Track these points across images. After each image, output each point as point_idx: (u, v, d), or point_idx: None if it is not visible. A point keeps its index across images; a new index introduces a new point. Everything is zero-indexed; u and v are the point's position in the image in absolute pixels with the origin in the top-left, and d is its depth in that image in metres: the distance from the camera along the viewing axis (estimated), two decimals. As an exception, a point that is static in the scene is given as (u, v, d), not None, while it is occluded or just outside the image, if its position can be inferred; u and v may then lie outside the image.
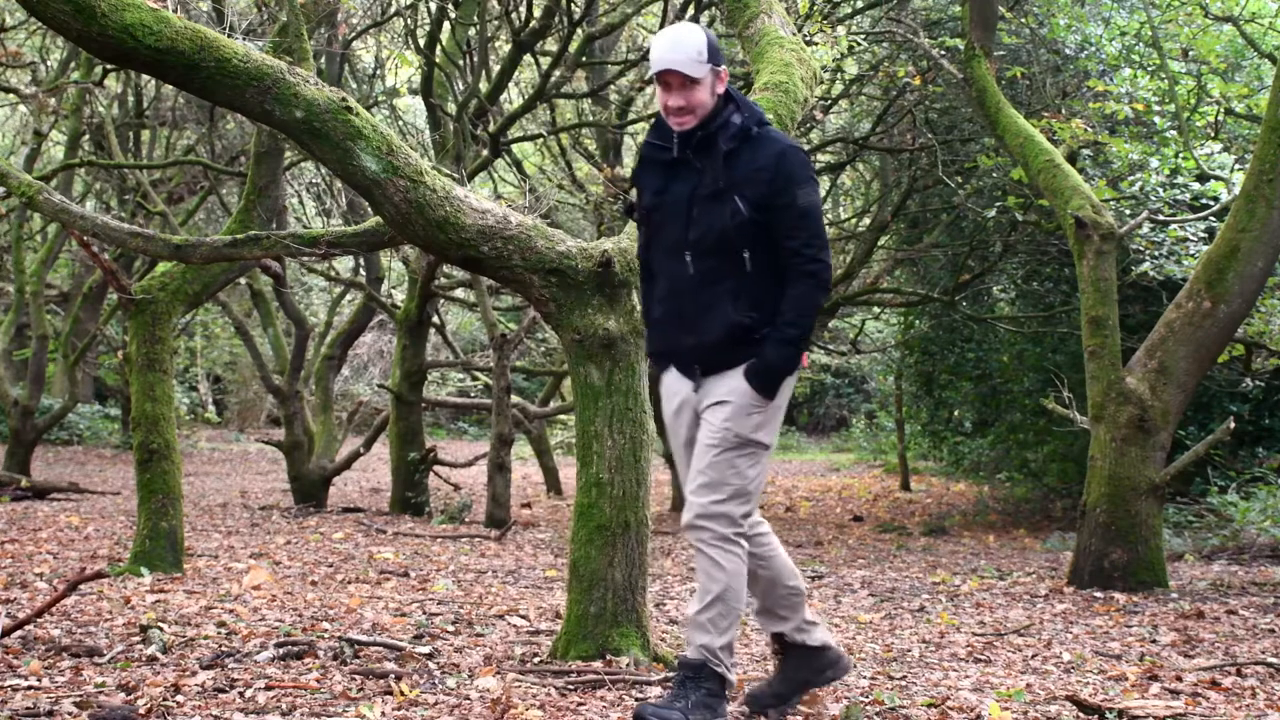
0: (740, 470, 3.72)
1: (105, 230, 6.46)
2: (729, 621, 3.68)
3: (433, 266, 11.08)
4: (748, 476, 3.73)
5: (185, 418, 22.60)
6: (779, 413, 3.81)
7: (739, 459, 3.73)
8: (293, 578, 6.94)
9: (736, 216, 3.71)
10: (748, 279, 3.74)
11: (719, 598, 3.67)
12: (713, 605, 3.68)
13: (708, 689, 3.64)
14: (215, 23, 10.12)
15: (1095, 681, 4.71)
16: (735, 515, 3.71)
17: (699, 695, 3.62)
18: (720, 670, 3.67)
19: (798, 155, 3.75)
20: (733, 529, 3.70)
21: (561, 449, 19.54)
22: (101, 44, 4.03)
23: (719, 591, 3.67)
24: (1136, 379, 7.57)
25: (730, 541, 3.70)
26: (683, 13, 11.22)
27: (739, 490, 3.72)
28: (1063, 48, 10.81)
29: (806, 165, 3.77)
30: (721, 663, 3.67)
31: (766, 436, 3.77)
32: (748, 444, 3.74)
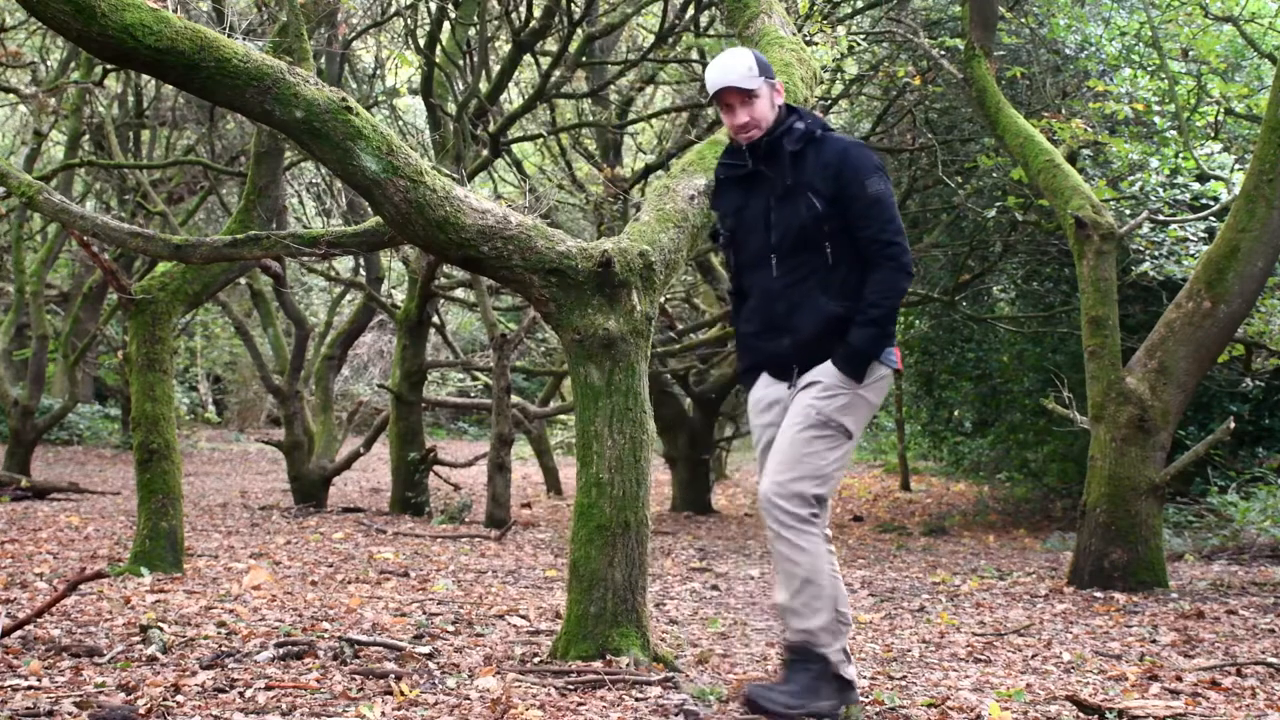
0: (818, 450, 3.77)
1: (105, 230, 6.46)
2: (821, 602, 3.69)
3: (433, 266, 11.08)
4: (826, 458, 3.77)
5: (185, 418, 22.61)
6: (867, 405, 3.85)
7: (818, 439, 3.77)
8: (293, 578, 6.94)
9: (811, 210, 3.87)
10: (834, 271, 3.87)
11: (806, 580, 3.69)
12: (801, 590, 3.70)
13: (814, 671, 3.69)
14: (215, 23, 10.12)
15: (1095, 681, 4.71)
16: (808, 495, 3.73)
17: (806, 679, 3.68)
18: (823, 651, 3.69)
19: (861, 150, 3.91)
20: (807, 509, 3.73)
21: (561, 449, 19.54)
22: (101, 44, 4.03)
23: (804, 575, 3.69)
24: (1136, 379, 7.57)
25: (805, 522, 3.72)
26: (683, 13, 11.23)
27: (815, 470, 3.75)
28: (1063, 48, 10.81)
29: (871, 158, 3.89)
30: (822, 644, 3.69)
31: (851, 423, 3.81)
32: (829, 424, 3.79)
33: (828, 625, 3.71)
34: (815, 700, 3.68)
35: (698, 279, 15.28)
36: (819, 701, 3.69)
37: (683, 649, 5.05)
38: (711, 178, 4.93)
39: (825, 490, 3.78)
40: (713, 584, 7.52)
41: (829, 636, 3.71)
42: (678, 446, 14.29)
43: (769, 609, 3.98)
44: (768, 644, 5.35)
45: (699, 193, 4.86)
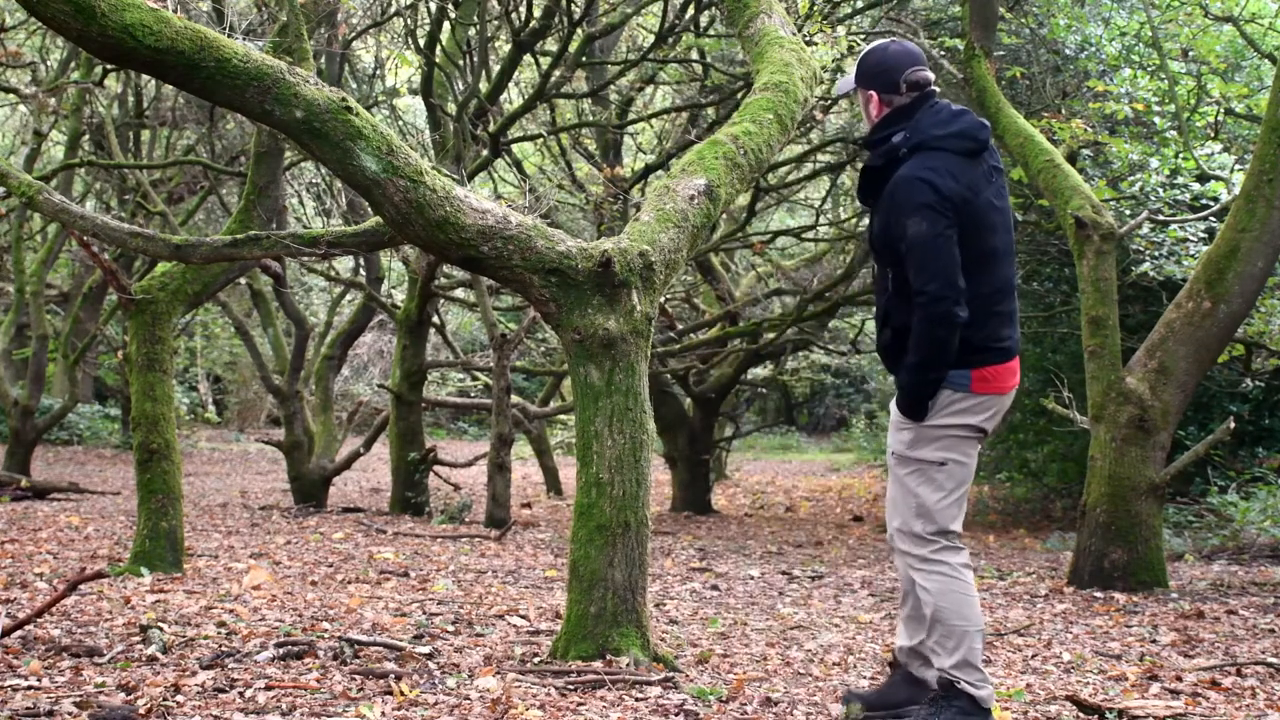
0: (910, 489, 3.77)
1: (105, 230, 6.46)
2: (955, 640, 3.68)
3: (433, 266, 11.07)
4: (920, 495, 3.75)
5: (185, 418, 22.60)
6: (944, 434, 3.75)
7: (907, 477, 3.78)
8: (293, 578, 6.93)
9: (873, 231, 3.84)
10: (891, 298, 3.82)
11: (935, 620, 3.71)
12: (933, 629, 3.72)
13: (958, 707, 3.67)
14: (215, 23, 10.12)
15: (1095, 681, 4.71)
16: (922, 533, 3.75)
17: (950, 714, 3.66)
18: (965, 688, 3.66)
19: (911, 184, 3.70)
20: (926, 548, 3.74)
21: (561, 449, 19.54)
22: (101, 44, 4.03)
23: (931, 613, 3.71)
24: (1136, 379, 7.57)
25: (927, 561, 3.74)
26: (683, 13, 11.23)
27: (917, 508, 3.75)
28: (1063, 48, 10.80)
29: (918, 194, 3.68)
30: (963, 680, 3.67)
31: (928, 453, 3.75)
32: (909, 461, 3.79)
33: (966, 662, 3.68)
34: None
35: (698, 279, 15.28)
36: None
37: (683, 649, 5.05)
38: (711, 178, 4.94)
39: (937, 524, 3.75)
40: (713, 584, 7.51)
41: (971, 672, 3.68)
42: (678, 446, 14.28)
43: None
44: (768, 644, 5.36)
45: (699, 193, 4.86)
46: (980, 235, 3.72)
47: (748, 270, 16.82)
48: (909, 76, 3.84)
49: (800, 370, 21.39)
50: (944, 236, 3.64)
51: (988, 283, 3.73)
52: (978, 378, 3.73)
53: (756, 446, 26.65)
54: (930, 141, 3.75)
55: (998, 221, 3.78)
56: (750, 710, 3.93)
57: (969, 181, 3.72)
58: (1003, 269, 3.79)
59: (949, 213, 3.66)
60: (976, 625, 3.71)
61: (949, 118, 3.81)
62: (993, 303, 3.74)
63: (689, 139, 11.45)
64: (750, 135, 5.17)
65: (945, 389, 3.72)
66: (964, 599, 3.70)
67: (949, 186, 3.67)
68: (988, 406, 3.77)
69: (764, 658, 4.99)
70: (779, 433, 28.30)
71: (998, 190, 3.81)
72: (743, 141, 5.12)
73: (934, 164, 3.70)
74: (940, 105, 3.87)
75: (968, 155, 3.76)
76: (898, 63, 3.87)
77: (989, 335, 3.74)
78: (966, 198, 3.70)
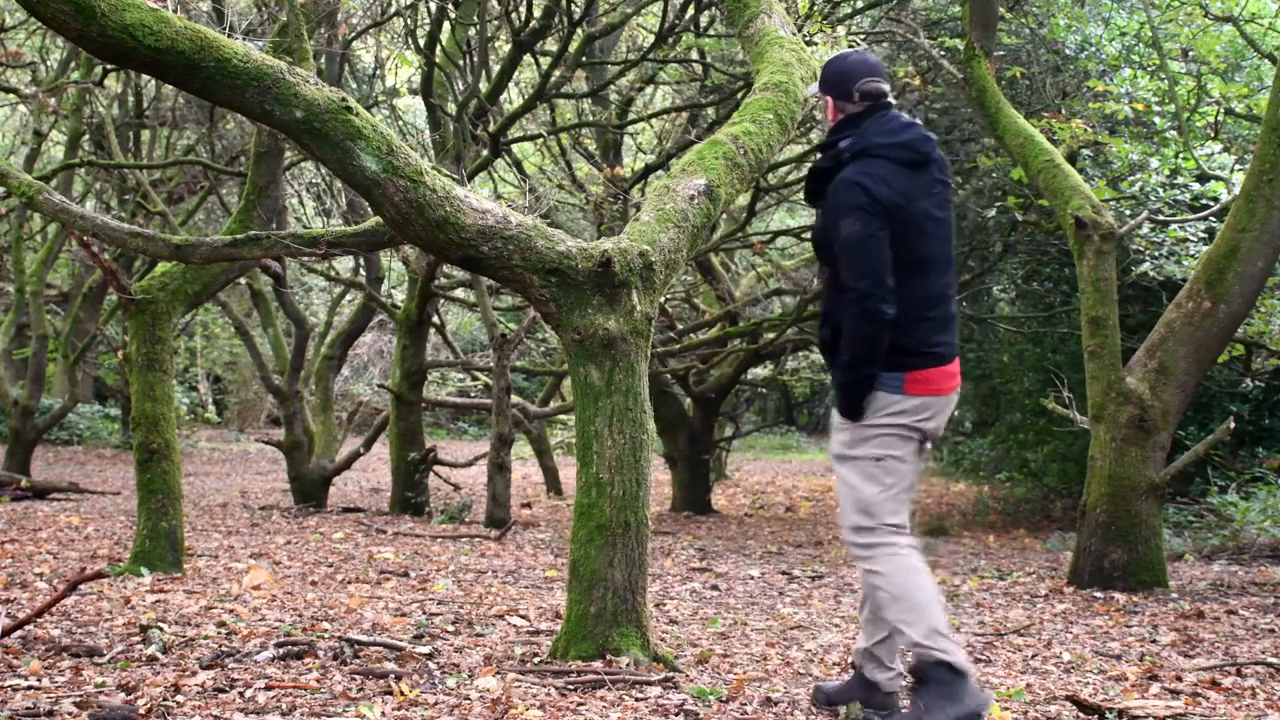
0: (852, 485, 3.88)
1: (105, 230, 6.46)
2: (916, 612, 3.73)
3: (433, 266, 11.08)
4: (860, 490, 3.85)
5: (185, 418, 22.61)
6: (873, 430, 3.85)
7: (849, 475, 3.89)
8: (293, 578, 6.94)
9: (814, 234, 4.02)
10: (832, 296, 3.96)
11: (893, 599, 3.77)
12: (893, 608, 3.77)
13: (937, 678, 3.69)
14: (215, 23, 10.12)
15: (1095, 681, 4.71)
16: (863, 524, 3.84)
17: (933, 691, 3.68)
18: (935, 657, 3.69)
19: (848, 187, 3.85)
20: (870, 536, 3.83)
21: (561, 449, 19.53)
22: (101, 44, 4.03)
23: (887, 595, 3.77)
24: (1136, 379, 7.57)
25: (872, 547, 3.82)
26: (683, 13, 11.23)
27: (857, 503, 3.86)
28: (1063, 48, 10.81)
29: (851, 197, 3.82)
30: (931, 650, 3.69)
31: (866, 450, 3.86)
32: (847, 460, 3.90)
33: (932, 630, 3.71)
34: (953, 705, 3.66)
35: (698, 279, 15.28)
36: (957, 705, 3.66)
37: (683, 649, 5.05)
38: (711, 178, 4.95)
39: (874, 518, 3.83)
40: (713, 584, 7.52)
41: (938, 639, 3.71)
42: (678, 446, 14.28)
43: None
44: (768, 644, 5.36)
45: (699, 193, 4.86)
46: (913, 242, 3.86)
47: (748, 270, 16.82)
48: (862, 86, 4.01)
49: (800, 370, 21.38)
50: (874, 237, 3.79)
51: (921, 288, 3.86)
52: (911, 380, 3.85)
53: (756, 446, 26.65)
54: (873, 149, 3.91)
55: (933, 231, 3.91)
56: (750, 710, 3.93)
57: (904, 189, 3.86)
58: (937, 277, 3.92)
59: (880, 215, 3.80)
60: (932, 597, 3.77)
61: (896, 128, 3.97)
62: (925, 308, 3.87)
63: (689, 139, 11.45)
64: (750, 135, 5.17)
65: (881, 391, 3.84)
66: (915, 572, 3.78)
67: (882, 191, 3.81)
68: (924, 408, 3.88)
69: (764, 658, 4.99)
70: (779, 433, 28.30)
71: (939, 202, 3.96)
72: (743, 141, 5.12)
73: (871, 169, 3.85)
74: (892, 116, 4.01)
75: (909, 165, 3.91)
76: (853, 72, 4.04)
77: (921, 340, 3.86)
78: (900, 204, 3.83)
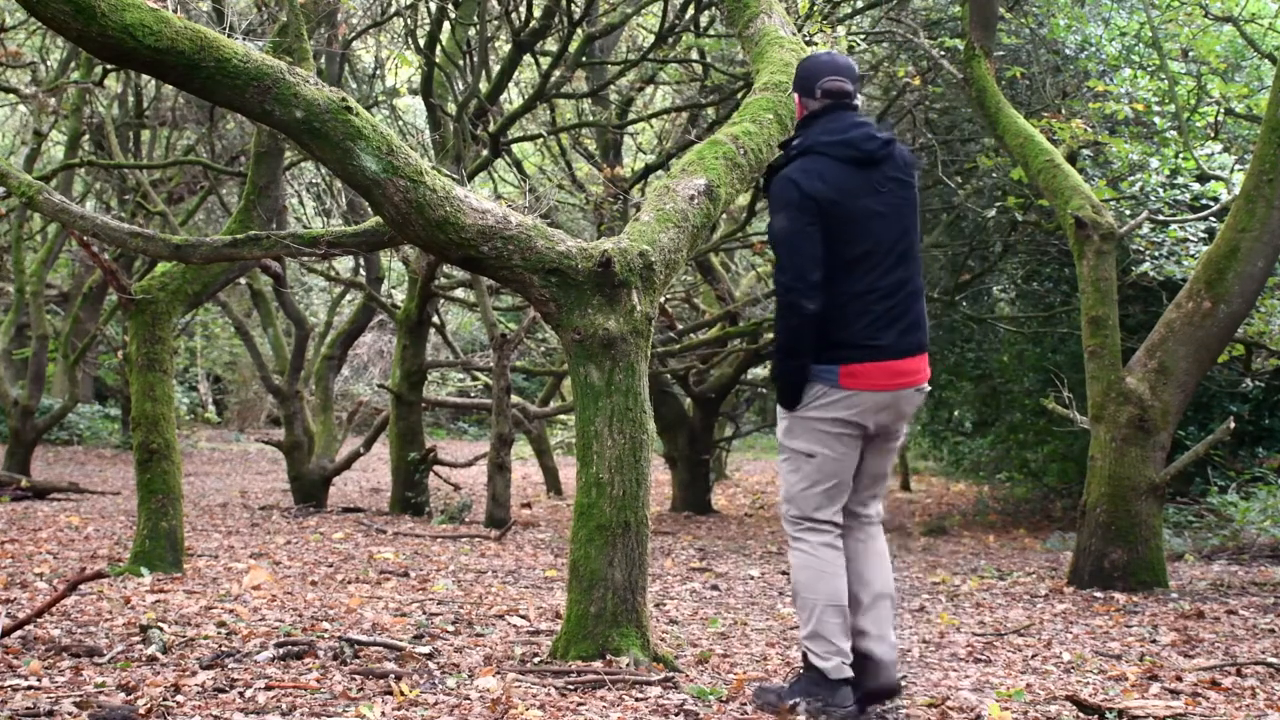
0: (783, 474, 4.06)
1: (105, 230, 6.46)
2: (807, 613, 3.93)
3: (433, 266, 11.07)
4: (788, 481, 4.03)
5: (185, 418, 22.61)
6: (811, 425, 3.97)
7: (782, 464, 4.07)
8: (293, 578, 6.94)
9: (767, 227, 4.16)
10: None
11: (794, 593, 4.01)
12: (794, 601, 4.03)
13: (809, 679, 3.93)
14: (215, 23, 10.12)
15: (1095, 681, 4.71)
16: (787, 515, 4.03)
17: (804, 682, 3.93)
18: (812, 660, 3.91)
19: (783, 183, 3.96)
20: (792, 528, 4.02)
21: (561, 449, 19.53)
22: (101, 44, 4.03)
23: (793, 588, 4.02)
24: (1136, 379, 7.57)
25: (793, 539, 4.01)
26: (683, 13, 11.22)
27: (785, 492, 4.05)
28: (1063, 48, 10.81)
29: (782, 193, 3.94)
30: (811, 652, 3.91)
31: (799, 444, 3.99)
32: (784, 449, 4.05)
33: (814, 635, 3.91)
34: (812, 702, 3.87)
35: (698, 279, 15.28)
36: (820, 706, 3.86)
37: (683, 649, 5.05)
38: (711, 178, 4.95)
39: (796, 508, 4.00)
40: (713, 584, 7.52)
41: (818, 644, 3.91)
42: (678, 446, 14.28)
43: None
44: (768, 644, 5.36)
45: (699, 193, 4.86)
46: (850, 237, 3.91)
47: (748, 270, 16.82)
48: (823, 84, 4.07)
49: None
50: (801, 233, 3.90)
51: (859, 282, 3.92)
52: (845, 373, 3.93)
53: (756, 446, 26.64)
54: (815, 146, 3.98)
55: (877, 227, 3.94)
56: (750, 710, 3.93)
57: (843, 185, 3.91)
58: (884, 273, 3.95)
59: (810, 212, 3.89)
60: (829, 600, 3.91)
61: (842, 127, 4.00)
62: (866, 302, 3.92)
63: (689, 139, 11.45)
64: (750, 135, 5.17)
65: (816, 383, 3.95)
66: (817, 575, 3.93)
67: (814, 187, 3.89)
68: (857, 403, 3.94)
69: (764, 658, 4.99)
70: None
71: (889, 200, 3.98)
72: (743, 141, 5.12)
73: (808, 166, 3.94)
74: (844, 116, 4.04)
75: (850, 162, 3.95)
76: (817, 70, 4.11)
77: (857, 333, 3.92)
78: (834, 199, 3.89)
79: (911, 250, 4.03)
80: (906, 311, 3.97)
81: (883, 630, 4.00)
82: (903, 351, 3.95)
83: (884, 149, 3.99)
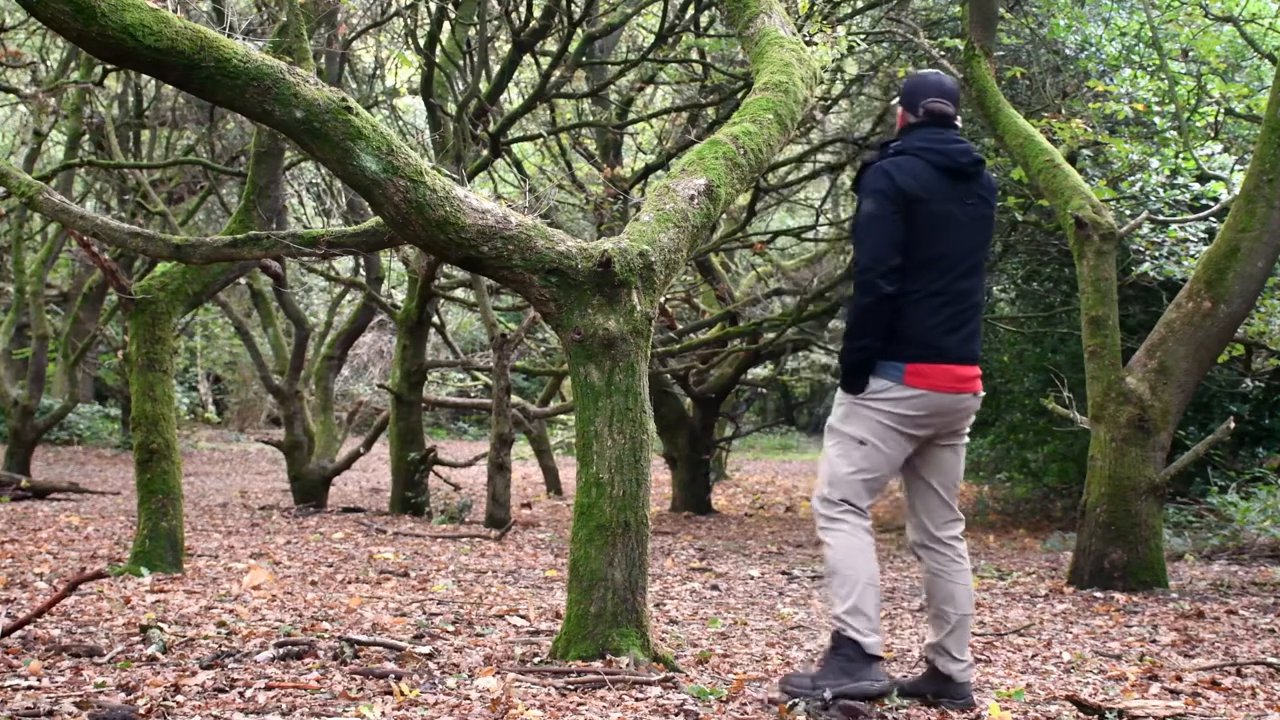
0: (830, 458, 4.11)
1: (105, 230, 6.46)
2: (848, 589, 3.96)
3: (433, 266, 11.07)
4: (835, 464, 4.08)
5: (185, 418, 22.60)
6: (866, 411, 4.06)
7: (830, 448, 4.13)
8: (293, 578, 6.94)
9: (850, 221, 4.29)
10: None
11: (833, 571, 4.01)
12: (829, 579, 4.03)
13: (844, 655, 3.94)
14: (215, 23, 10.12)
15: (1095, 681, 4.71)
16: (829, 496, 4.07)
17: (835, 662, 3.95)
18: (850, 635, 3.94)
19: (875, 171, 4.12)
20: (832, 510, 4.06)
21: (561, 449, 19.53)
22: (101, 44, 4.03)
23: (831, 566, 4.02)
24: (1136, 379, 7.57)
25: (832, 520, 4.06)
26: (682, 13, 11.22)
27: (830, 475, 4.09)
28: (1063, 48, 10.80)
29: (873, 180, 4.10)
30: (850, 628, 3.94)
31: (852, 429, 4.07)
32: (835, 433, 4.12)
33: (855, 609, 3.95)
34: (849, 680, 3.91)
35: (698, 279, 15.28)
36: (855, 682, 3.91)
37: (683, 649, 5.05)
38: (711, 178, 4.95)
39: (841, 493, 4.06)
40: (713, 584, 7.51)
41: (858, 619, 3.95)
42: (678, 446, 14.28)
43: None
44: (768, 644, 5.36)
45: (699, 193, 4.86)
46: (930, 239, 4.06)
47: (748, 270, 16.81)
48: (928, 104, 4.26)
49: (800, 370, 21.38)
50: (886, 218, 4.04)
51: (933, 283, 4.06)
52: (911, 371, 4.03)
53: (756, 446, 26.65)
54: (910, 149, 4.17)
55: (955, 233, 4.11)
56: (750, 710, 3.93)
57: (931, 186, 4.08)
58: (955, 278, 4.10)
59: (897, 202, 4.04)
60: (869, 579, 3.99)
61: (943, 139, 4.20)
62: (936, 303, 4.05)
63: (689, 139, 11.45)
64: (750, 135, 5.17)
65: (881, 377, 4.04)
66: (859, 553, 4.01)
67: (905, 181, 4.06)
68: (919, 404, 4.04)
69: (764, 658, 5.00)
70: (779, 433, 28.29)
71: (972, 213, 4.16)
72: (743, 141, 5.12)
73: (902, 164, 4.11)
74: (944, 130, 4.22)
75: (942, 170, 4.12)
76: (923, 90, 4.29)
77: (925, 333, 4.04)
78: (922, 198, 4.05)
79: (981, 265, 4.20)
80: (969, 321, 4.12)
81: (964, 653, 4.14)
82: (963, 358, 4.10)
83: (975, 166, 4.18)
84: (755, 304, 15.13)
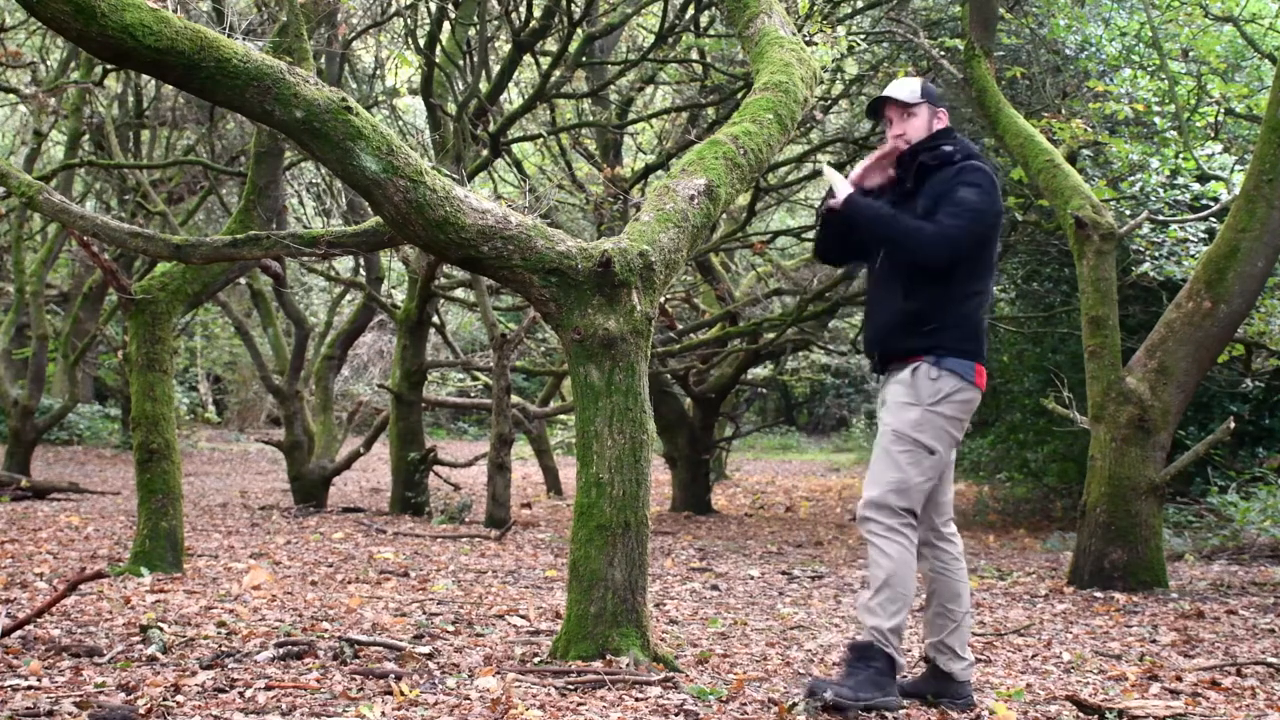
0: (900, 465, 4.01)
1: (105, 230, 6.46)
2: (897, 606, 3.95)
3: (433, 266, 11.07)
4: (908, 473, 4.01)
5: (185, 418, 22.61)
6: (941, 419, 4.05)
7: (900, 454, 4.02)
8: (293, 578, 6.94)
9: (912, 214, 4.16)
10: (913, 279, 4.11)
11: (885, 583, 3.95)
12: (880, 590, 3.96)
13: (876, 668, 3.92)
14: (215, 23, 10.12)
15: (1095, 681, 4.71)
16: (895, 506, 3.99)
17: (868, 674, 3.90)
18: (889, 651, 3.93)
19: (980, 170, 4.17)
20: (895, 519, 3.99)
21: (561, 449, 19.53)
22: (101, 44, 4.03)
23: (884, 577, 3.95)
24: (1136, 379, 7.57)
25: (894, 530, 3.98)
26: (682, 13, 11.22)
27: (899, 483, 3.99)
28: (1063, 48, 10.80)
29: (981, 175, 4.14)
30: (890, 644, 3.93)
31: (928, 438, 4.02)
32: (906, 439, 4.03)
33: (898, 629, 3.94)
34: (878, 693, 3.90)
35: (698, 279, 15.28)
36: (879, 694, 3.90)
37: (683, 649, 5.05)
38: (711, 178, 4.95)
39: (910, 502, 4.01)
40: (713, 584, 7.51)
41: (897, 639, 3.95)
42: (678, 446, 14.28)
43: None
44: (768, 644, 5.36)
45: (699, 193, 4.86)
46: (994, 243, 4.20)
47: (748, 270, 16.81)
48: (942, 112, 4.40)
49: (800, 370, 21.37)
50: (991, 214, 4.11)
51: (984, 283, 4.17)
52: (979, 372, 4.10)
53: (756, 446, 26.65)
54: (978, 156, 4.26)
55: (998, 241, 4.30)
56: (750, 710, 3.93)
57: None
58: (991, 280, 4.24)
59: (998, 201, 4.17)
60: (911, 602, 4.00)
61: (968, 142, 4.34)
62: (981, 302, 4.15)
63: (689, 139, 11.45)
64: (750, 135, 5.17)
65: (952, 374, 4.04)
66: (911, 573, 3.98)
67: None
68: (974, 406, 4.13)
69: (764, 658, 4.99)
70: (779, 433, 28.30)
71: None
72: (743, 141, 5.12)
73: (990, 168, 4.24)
74: None
75: None
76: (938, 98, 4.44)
77: (981, 332, 4.13)
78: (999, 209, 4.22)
79: None
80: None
81: (965, 651, 4.16)
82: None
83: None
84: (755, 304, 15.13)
